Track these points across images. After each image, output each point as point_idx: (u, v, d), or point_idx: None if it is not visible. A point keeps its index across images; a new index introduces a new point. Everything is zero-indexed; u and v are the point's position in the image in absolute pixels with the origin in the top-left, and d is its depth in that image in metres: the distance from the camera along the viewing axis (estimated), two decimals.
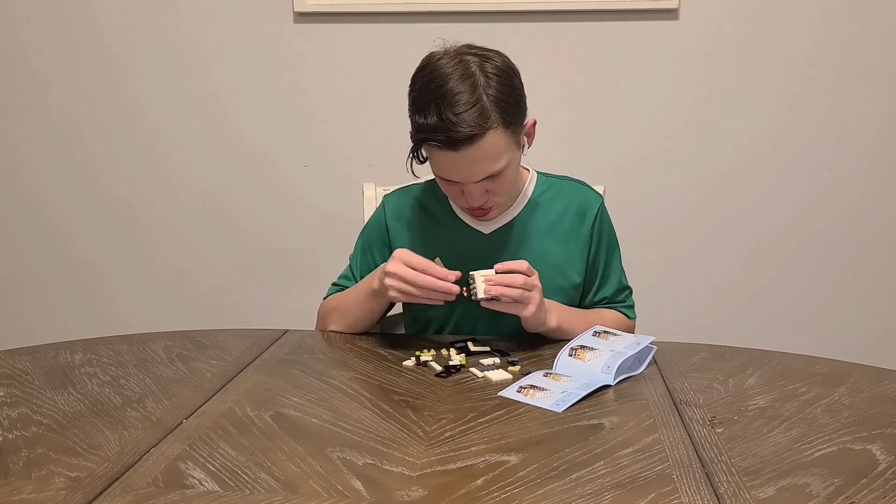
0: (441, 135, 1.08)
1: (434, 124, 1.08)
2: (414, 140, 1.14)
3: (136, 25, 2.08)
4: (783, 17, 1.94)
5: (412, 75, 1.17)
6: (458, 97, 1.08)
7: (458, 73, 1.10)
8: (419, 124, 1.11)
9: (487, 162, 1.12)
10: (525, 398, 0.98)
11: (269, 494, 0.74)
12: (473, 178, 1.14)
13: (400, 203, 1.33)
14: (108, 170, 2.18)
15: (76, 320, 2.27)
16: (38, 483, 0.76)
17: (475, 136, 1.08)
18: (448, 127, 1.07)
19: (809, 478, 0.77)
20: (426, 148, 1.13)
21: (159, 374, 1.06)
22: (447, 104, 1.08)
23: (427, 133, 1.09)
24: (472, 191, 1.16)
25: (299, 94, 2.08)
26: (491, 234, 1.28)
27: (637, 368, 1.10)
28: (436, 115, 1.08)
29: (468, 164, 1.11)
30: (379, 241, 1.33)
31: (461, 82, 1.09)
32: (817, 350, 1.27)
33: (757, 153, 2.02)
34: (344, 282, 1.36)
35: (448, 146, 1.09)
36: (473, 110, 1.08)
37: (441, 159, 1.12)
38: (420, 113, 1.11)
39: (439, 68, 1.11)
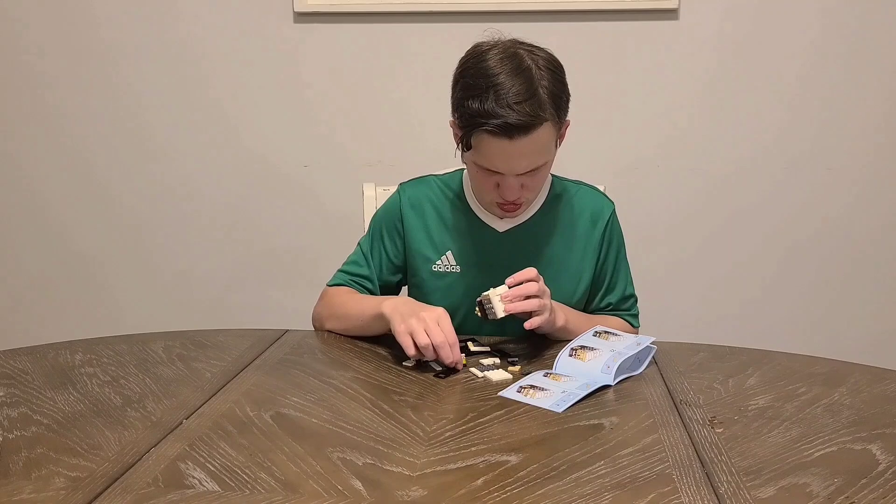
0: (498, 120, 1.07)
1: (492, 110, 1.07)
2: (465, 126, 1.12)
3: (135, 25, 2.08)
4: (783, 17, 1.94)
5: (461, 62, 1.16)
6: (517, 86, 1.08)
7: (513, 64, 1.10)
8: (474, 109, 1.09)
9: (535, 154, 1.13)
10: (525, 398, 0.98)
11: (269, 494, 0.74)
12: (519, 169, 1.14)
13: (416, 193, 1.32)
14: (107, 170, 2.18)
15: (76, 320, 2.27)
16: (38, 483, 0.76)
17: (531, 126, 1.08)
18: (506, 114, 1.07)
19: (809, 478, 0.77)
20: (476, 135, 1.11)
21: (159, 374, 1.06)
22: (506, 92, 1.07)
23: (484, 118, 1.08)
24: (510, 184, 1.15)
25: (299, 94, 2.08)
26: (506, 231, 1.28)
27: (637, 368, 1.10)
28: (494, 101, 1.07)
29: (518, 154, 1.11)
30: (392, 228, 1.32)
31: (518, 73, 1.09)
32: (817, 350, 1.27)
33: (757, 153, 2.02)
34: (353, 268, 1.33)
35: (503, 133, 1.08)
36: (533, 101, 1.08)
37: (491, 147, 1.11)
38: (476, 99, 1.09)
39: (493, 57, 1.11)
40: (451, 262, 1.29)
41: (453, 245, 1.28)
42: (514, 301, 1.09)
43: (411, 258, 1.31)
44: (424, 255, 1.30)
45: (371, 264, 1.32)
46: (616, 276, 1.33)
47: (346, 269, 1.34)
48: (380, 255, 1.33)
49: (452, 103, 1.16)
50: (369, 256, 1.33)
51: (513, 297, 1.09)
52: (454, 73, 1.17)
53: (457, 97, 1.14)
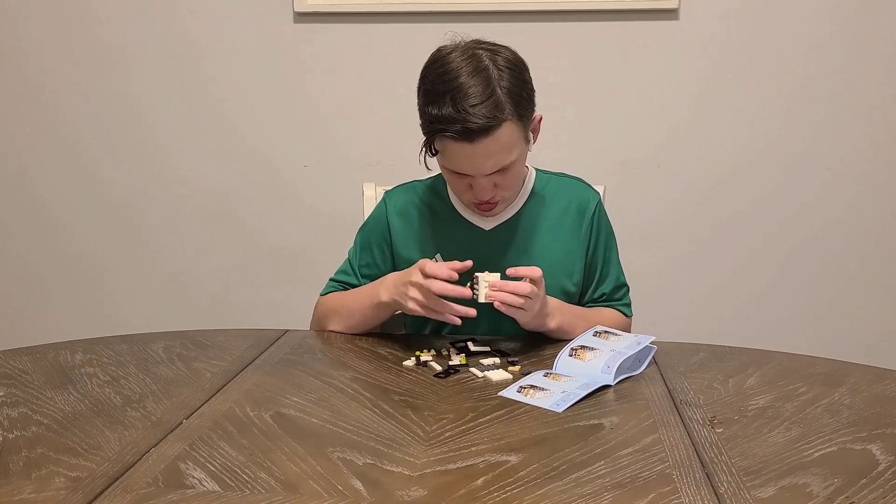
0: (457, 125, 1.08)
1: (449, 115, 1.08)
2: (427, 132, 1.13)
3: (135, 25, 2.08)
4: (783, 16, 1.94)
5: (423, 68, 1.16)
6: (474, 89, 1.08)
7: (471, 66, 1.10)
8: (433, 115, 1.10)
9: (500, 154, 1.13)
10: (525, 398, 0.98)
11: (269, 494, 0.74)
12: (486, 170, 1.14)
13: (401, 200, 1.33)
14: (108, 170, 2.18)
15: (76, 320, 2.27)
16: (38, 483, 0.76)
17: (490, 128, 1.09)
18: (464, 118, 1.07)
19: (809, 478, 0.77)
20: (439, 140, 1.12)
21: (159, 374, 1.06)
22: (462, 95, 1.08)
23: (442, 124, 1.09)
24: (481, 184, 1.16)
25: (299, 94, 2.08)
26: (492, 230, 1.28)
27: (637, 368, 1.10)
28: (451, 106, 1.08)
29: (482, 155, 1.12)
30: (379, 238, 1.33)
31: (475, 75, 1.09)
32: (817, 350, 1.27)
33: (757, 153, 2.02)
34: (342, 277, 1.35)
35: (463, 137, 1.09)
36: (489, 102, 1.08)
37: (454, 151, 1.12)
38: (434, 104, 1.10)
39: (452, 61, 1.11)
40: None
41: (442, 248, 1.29)
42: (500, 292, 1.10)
43: (400, 265, 1.31)
44: (413, 261, 1.29)
45: (359, 276, 1.33)
46: (608, 267, 1.33)
47: (337, 279, 1.36)
48: (368, 265, 1.33)
49: (418, 108, 1.16)
50: (357, 268, 1.34)
51: (500, 289, 1.10)
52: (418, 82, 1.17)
53: (419, 104, 1.15)
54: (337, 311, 1.29)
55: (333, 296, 1.32)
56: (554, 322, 1.19)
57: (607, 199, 1.44)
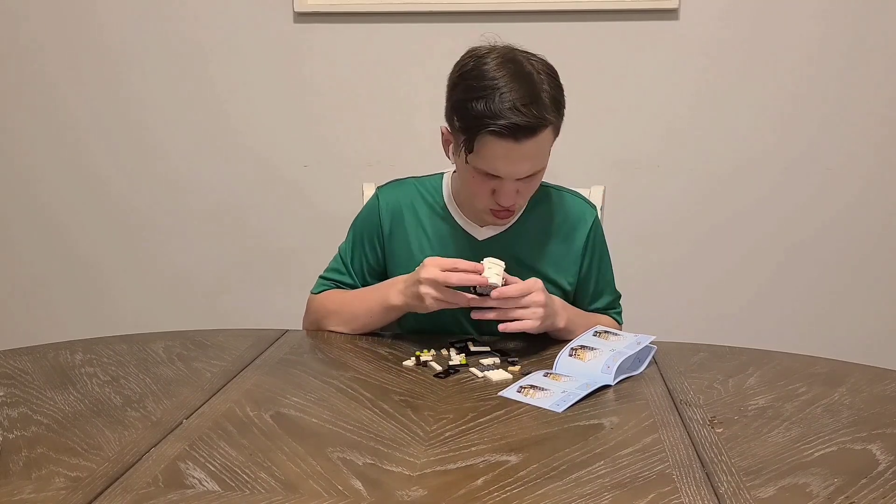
0: (507, 121, 1.06)
1: (499, 111, 1.06)
2: (469, 128, 1.10)
3: (136, 25, 2.08)
4: (783, 16, 1.94)
5: (458, 66, 1.15)
6: (522, 89, 1.08)
7: (514, 68, 1.10)
8: (479, 111, 1.07)
9: (537, 158, 1.13)
10: (525, 398, 0.98)
11: (269, 494, 0.74)
12: (521, 172, 1.13)
13: (394, 197, 1.31)
14: (108, 170, 2.18)
15: (76, 320, 2.27)
16: (38, 483, 0.76)
17: (537, 129, 1.08)
18: (514, 115, 1.06)
19: (809, 478, 0.77)
20: (480, 138, 1.10)
21: (159, 374, 1.06)
22: (511, 94, 1.07)
23: (491, 119, 1.07)
24: (508, 189, 1.14)
25: (299, 94, 2.08)
26: (484, 240, 1.27)
27: (637, 368, 1.10)
28: (500, 102, 1.06)
29: (522, 157, 1.10)
30: (371, 234, 1.31)
31: (520, 77, 1.09)
32: (817, 350, 1.27)
33: (757, 153, 2.02)
34: (335, 275, 1.33)
35: (510, 135, 1.07)
36: (537, 104, 1.08)
37: (495, 149, 1.10)
38: (480, 100, 1.07)
39: (492, 60, 1.11)
40: None
41: (432, 252, 1.27)
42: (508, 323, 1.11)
43: (391, 263, 1.30)
44: (404, 260, 1.28)
45: (352, 273, 1.32)
46: (602, 283, 1.33)
47: (329, 277, 1.34)
48: (360, 262, 1.32)
49: (450, 106, 1.15)
50: (349, 265, 1.33)
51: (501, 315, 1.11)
52: (450, 77, 1.16)
53: (457, 99, 1.13)
54: (338, 312, 1.27)
55: (332, 296, 1.30)
56: (562, 321, 1.18)
57: (607, 198, 1.44)
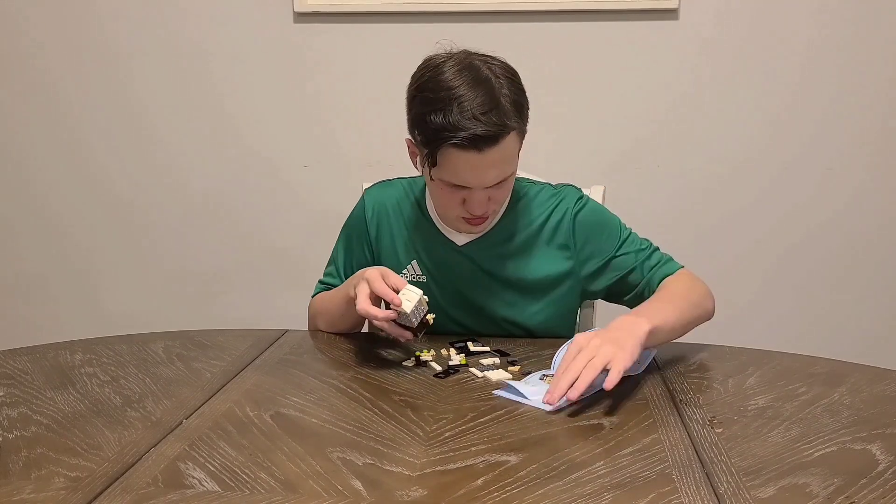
0: (466, 133, 1.05)
1: (458, 123, 1.05)
2: (429, 141, 1.09)
3: (136, 25, 2.08)
4: (782, 16, 1.94)
5: (415, 77, 1.14)
6: (480, 98, 1.06)
7: (471, 75, 1.08)
8: (438, 124, 1.06)
9: (503, 165, 1.11)
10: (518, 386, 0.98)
11: (269, 494, 0.74)
12: (488, 181, 1.11)
13: (380, 198, 1.32)
14: (108, 170, 2.18)
15: (76, 320, 2.27)
16: (38, 483, 0.76)
17: (498, 136, 1.07)
18: (473, 125, 1.04)
19: (809, 478, 0.77)
20: (442, 150, 1.08)
21: (159, 374, 1.06)
22: (469, 104, 1.05)
23: (451, 132, 1.05)
24: (478, 198, 1.13)
25: (299, 94, 2.08)
26: (464, 245, 1.26)
27: (637, 369, 1.09)
28: (458, 113, 1.05)
29: (486, 166, 1.09)
30: (361, 236, 1.32)
31: (478, 84, 1.07)
32: (817, 350, 1.26)
33: (756, 152, 2.02)
34: (329, 279, 1.35)
35: (472, 145, 1.06)
36: (497, 110, 1.06)
37: (458, 161, 1.08)
38: (437, 113, 1.06)
39: (449, 69, 1.09)
40: (416, 272, 1.28)
41: (416, 255, 1.28)
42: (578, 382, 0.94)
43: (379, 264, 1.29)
44: (393, 262, 1.29)
45: (342, 276, 1.33)
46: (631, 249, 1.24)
47: (324, 281, 1.36)
48: (351, 264, 1.33)
49: (410, 120, 1.14)
50: (342, 269, 1.33)
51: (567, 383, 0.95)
52: (409, 89, 1.15)
53: (416, 113, 1.12)
54: (321, 311, 1.29)
55: (320, 298, 1.33)
56: (646, 324, 1.02)
57: (607, 198, 1.44)
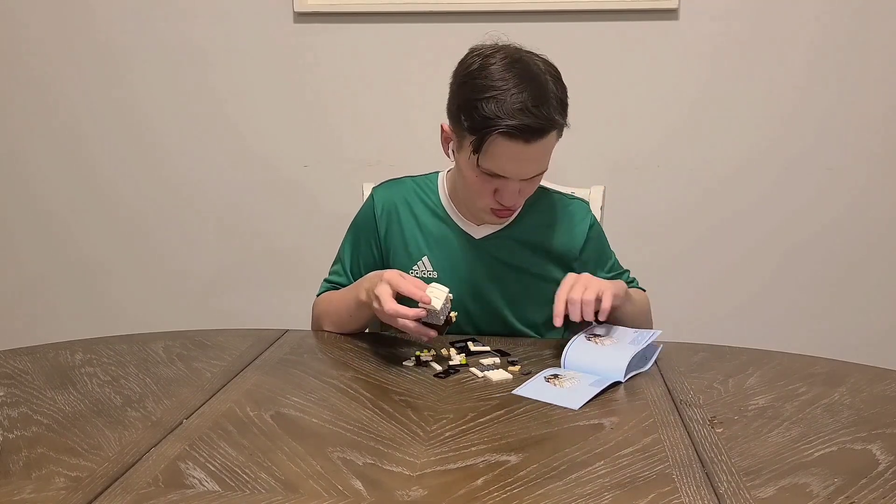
0: (518, 122, 1.06)
1: (510, 112, 1.06)
2: (478, 128, 1.09)
3: (136, 26, 2.08)
4: (783, 16, 1.94)
5: (464, 65, 1.14)
6: (532, 90, 1.07)
7: (523, 69, 1.10)
8: (490, 112, 1.07)
9: (542, 159, 1.13)
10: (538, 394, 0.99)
11: (269, 494, 0.74)
12: (527, 173, 1.13)
13: (389, 196, 1.31)
14: (108, 170, 2.18)
15: (76, 320, 2.26)
16: (39, 483, 0.76)
17: (546, 130, 1.09)
18: (525, 117, 1.06)
19: (809, 478, 0.77)
20: (490, 139, 1.08)
21: (159, 374, 1.06)
22: (522, 96, 1.06)
23: (503, 120, 1.06)
24: (512, 189, 1.15)
25: (299, 94, 2.08)
26: (481, 239, 1.27)
27: (644, 366, 1.10)
28: (512, 103, 1.06)
29: (529, 158, 1.11)
30: (368, 235, 1.32)
31: (531, 78, 1.09)
32: (817, 350, 1.27)
33: (757, 153, 2.02)
34: (335, 277, 1.35)
35: (521, 136, 1.07)
36: (546, 105, 1.08)
37: (505, 150, 1.09)
38: (490, 101, 1.07)
39: (500, 61, 1.10)
40: (427, 268, 1.28)
41: (429, 251, 1.28)
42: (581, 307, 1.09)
43: (390, 262, 1.30)
44: (402, 260, 1.29)
45: (349, 274, 1.33)
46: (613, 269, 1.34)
47: (330, 280, 1.36)
48: (357, 263, 1.33)
49: (457, 105, 1.14)
50: (349, 268, 1.33)
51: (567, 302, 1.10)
52: (456, 75, 1.16)
53: (465, 99, 1.11)
54: (328, 312, 1.29)
55: (326, 298, 1.32)
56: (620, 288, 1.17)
57: (607, 198, 1.44)
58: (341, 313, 1.25)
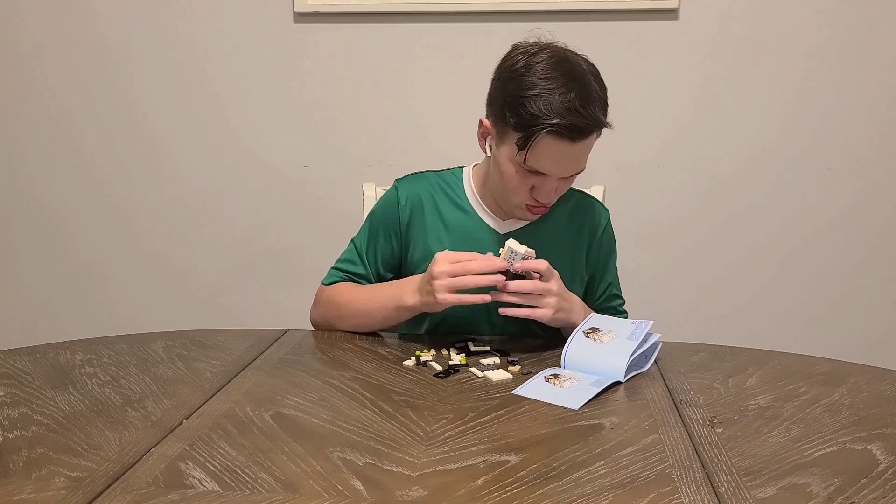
0: (567, 122, 1.07)
1: (559, 111, 1.07)
2: (525, 125, 1.09)
3: (135, 26, 2.08)
4: (783, 16, 1.94)
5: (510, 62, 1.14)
6: (579, 90, 1.08)
7: (568, 67, 1.10)
8: (538, 109, 1.07)
9: (583, 159, 1.15)
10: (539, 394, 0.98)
11: (269, 494, 0.74)
12: (569, 171, 1.15)
13: (414, 189, 1.31)
14: (107, 170, 2.18)
15: (76, 320, 2.27)
16: (38, 483, 0.76)
17: (591, 130, 1.10)
18: (573, 116, 1.07)
19: (809, 478, 0.77)
20: (536, 136, 1.09)
21: (159, 374, 1.06)
22: (570, 95, 1.07)
23: (552, 118, 1.07)
24: (550, 186, 1.16)
25: (299, 94, 2.08)
26: (506, 234, 1.27)
27: (644, 365, 1.10)
28: (561, 102, 1.07)
29: (572, 157, 1.12)
30: (388, 226, 1.30)
31: (577, 78, 1.10)
32: (817, 350, 1.27)
33: (757, 153, 2.02)
34: (348, 266, 1.32)
35: (569, 134, 1.08)
36: (592, 105, 1.09)
37: (550, 148, 1.10)
38: (538, 98, 1.07)
39: (546, 59, 1.10)
40: None
41: (451, 245, 1.28)
42: (511, 308, 1.10)
43: (407, 256, 1.30)
44: (421, 253, 1.29)
45: (367, 264, 1.31)
46: (613, 285, 1.36)
47: (341, 268, 1.32)
48: (375, 253, 1.31)
49: (502, 101, 1.13)
50: (364, 255, 1.31)
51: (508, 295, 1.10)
52: (500, 71, 1.16)
53: (510, 96, 1.11)
54: (349, 305, 1.26)
55: (344, 289, 1.29)
56: (579, 319, 1.17)
57: (607, 198, 1.44)
58: (370, 311, 1.23)
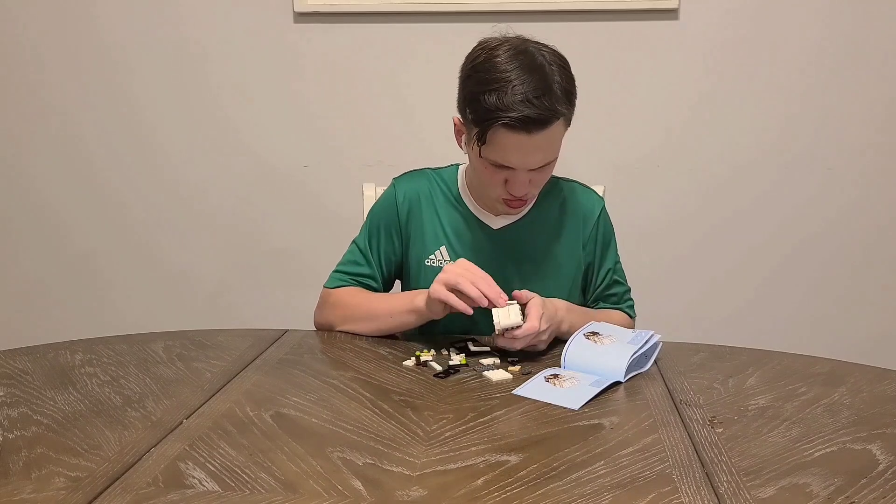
0: (518, 114, 1.07)
1: (510, 104, 1.08)
2: (481, 120, 1.11)
3: (135, 25, 2.08)
4: (783, 16, 1.94)
5: (470, 58, 1.16)
6: (534, 82, 1.09)
7: (526, 60, 1.11)
8: (491, 104, 1.09)
9: (548, 149, 1.14)
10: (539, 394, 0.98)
11: (269, 494, 0.74)
12: (532, 164, 1.14)
13: (411, 187, 1.32)
14: (108, 170, 2.18)
15: (76, 320, 2.26)
16: (38, 483, 0.76)
17: (548, 121, 1.10)
18: (525, 108, 1.07)
19: (809, 478, 0.77)
20: (492, 130, 1.11)
21: (159, 374, 1.06)
22: (522, 86, 1.08)
23: (503, 112, 1.08)
24: (520, 179, 1.16)
25: (299, 94, 2.08)
26: (500, 229, 1.28)
27: (644, 365, 1.10)
28: (512, 95, 1.08)
29: (533, 148, 1.12)
30: (389, 223, 1.31)
31: (533, 69, 1.10)
32: (817, 350, 1.27)
33: (757, 152, 2.02)
34: (352, 267, 1.32)
35: (522, 127, 1.09)
36: (548, 95, 1.09)
37: (507, 142, 1.11)
38: (492, 93, 1.09)
39: (503, 53, 1.12)
40: (444, 258, 1.29)
41: (447, 241, 1.29)
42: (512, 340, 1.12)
43: (407, 253, 1.31)
44: (419, 249, 1.30)
45: (371, 262, 1.31)
46: (613, 273, 1.35)
47: (345, 270, 1.32)
48: (378, 252, 1.32)
49: (462, 98, 1.16)
50: (369, 254, 1.31)
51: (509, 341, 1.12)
52: (463, 68, 1.17)
53: (469, 92, 1.14)
54: (358, 307, 1.26)
55: (353, 292, 1.29)
56: (565, 325, 1.19)
57: (607, 198, 1.44)
58: (379, 313, 1.24)
